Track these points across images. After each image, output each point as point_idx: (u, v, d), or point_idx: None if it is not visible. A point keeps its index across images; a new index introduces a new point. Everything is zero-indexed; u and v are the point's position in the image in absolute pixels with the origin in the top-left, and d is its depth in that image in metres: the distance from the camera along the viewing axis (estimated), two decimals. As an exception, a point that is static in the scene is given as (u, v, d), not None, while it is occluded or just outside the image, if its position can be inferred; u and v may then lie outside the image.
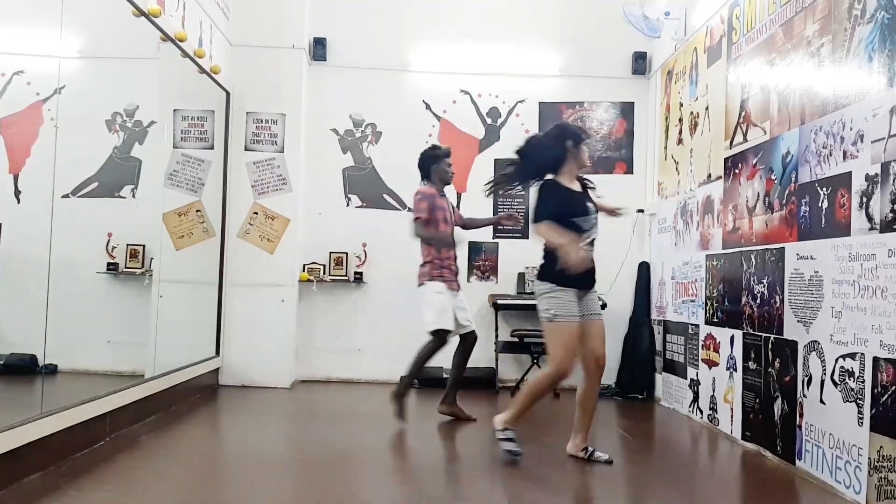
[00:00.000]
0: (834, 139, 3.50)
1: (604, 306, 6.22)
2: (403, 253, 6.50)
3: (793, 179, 3.88)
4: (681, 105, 5.81)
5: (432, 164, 4.95)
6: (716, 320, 4.87)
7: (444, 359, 5.07)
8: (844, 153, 3.40)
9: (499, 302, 6.27)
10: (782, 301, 3.94)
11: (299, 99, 6.39)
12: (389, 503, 3.35)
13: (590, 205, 3.89)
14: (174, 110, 5.53)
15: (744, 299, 4.42)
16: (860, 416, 3.21)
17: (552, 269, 3.74)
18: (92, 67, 4.71)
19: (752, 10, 4.50)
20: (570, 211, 3.78)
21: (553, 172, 3.87)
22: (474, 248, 6.61)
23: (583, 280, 3.78)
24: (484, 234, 6.55)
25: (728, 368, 4.64)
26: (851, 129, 3.35)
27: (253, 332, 6.14)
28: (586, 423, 3.94)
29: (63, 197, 4.24)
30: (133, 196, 5.04)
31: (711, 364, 4.91)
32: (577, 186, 3.93)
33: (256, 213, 6.24)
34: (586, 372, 3.89)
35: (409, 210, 5.09)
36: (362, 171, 6.68)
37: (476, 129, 6.74)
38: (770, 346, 4.07)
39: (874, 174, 3.16)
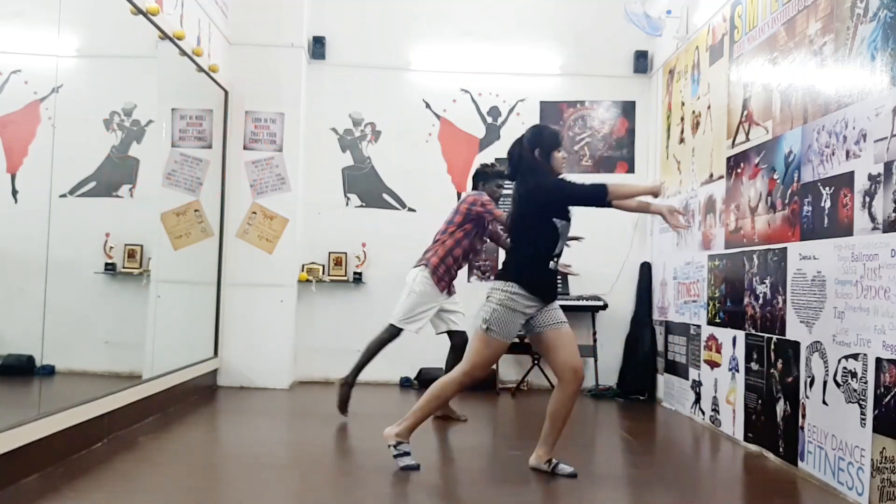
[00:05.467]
0: (836, 138, 3.47)
1: (605, 306, 6.27)
2: (403, 253, 6.50)
3: (795, 179, 3.86)
4: (682, 104, 5.78)
5: (482, 179, 4.98)
6: (718, 321, 4.85)
7: (441, 360, 5.05)
8: (847, 152, 3.38)
9: (499, 302, 6.23)
10: (785, 301, 3.91)
11: (298, 98, 6.36)
12: (388, 505, 3.33)
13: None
14: (172, 109, 5.50)
15: (746, 300, 4.40)
16: (863, 417, 3.19)
17: (521, 270, 3.57)
18: (90, 66, 4.68)
19: (754, 9, 4.47)
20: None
21: None
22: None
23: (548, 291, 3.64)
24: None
25: (730, 369, 4.61)
26: (854, 128, 3.33)
27: (251, 332, 6.12)
28: (554, 436, 3.65)
29: (60, 196, 4.21)
30: (131, 196, 5.01)
31: (713, 365, 4.88)
32: None
33: (255, 212, 6.21)
34: (562, 382, 3.62)
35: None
36: (362, 170, 6.66)
37: (476, 129, 6.71)
38: (772, 346, 4.05)
39: (877, 174, 3.14)
